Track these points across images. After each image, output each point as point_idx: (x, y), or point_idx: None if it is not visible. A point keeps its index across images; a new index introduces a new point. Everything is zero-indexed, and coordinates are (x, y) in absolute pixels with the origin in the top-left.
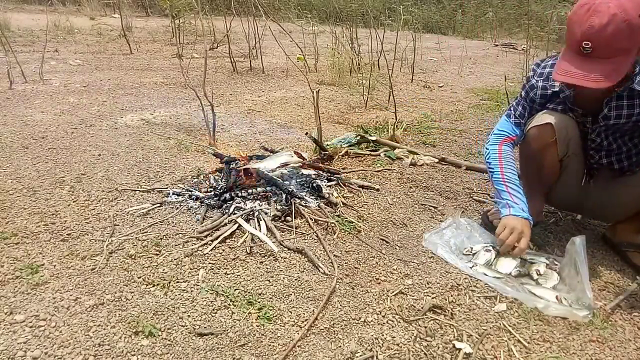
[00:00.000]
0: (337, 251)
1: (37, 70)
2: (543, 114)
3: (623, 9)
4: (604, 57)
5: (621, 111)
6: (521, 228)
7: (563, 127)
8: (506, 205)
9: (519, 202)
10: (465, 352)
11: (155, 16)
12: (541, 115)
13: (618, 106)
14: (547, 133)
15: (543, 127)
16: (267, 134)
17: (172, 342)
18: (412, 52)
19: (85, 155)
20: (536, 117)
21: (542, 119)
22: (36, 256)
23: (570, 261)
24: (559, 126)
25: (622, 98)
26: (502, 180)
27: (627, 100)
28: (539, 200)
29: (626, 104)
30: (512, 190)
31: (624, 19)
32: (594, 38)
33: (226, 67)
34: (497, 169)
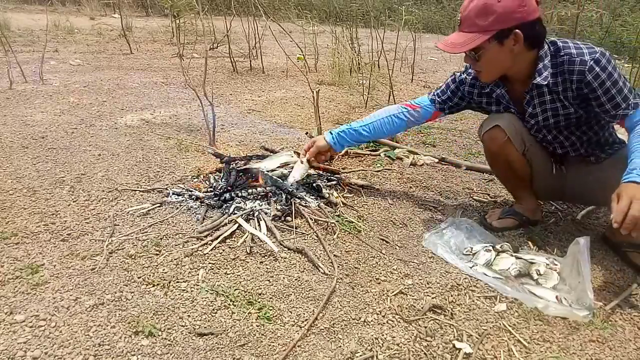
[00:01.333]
0: (337, 251)
1: (37, 70)
2: (488, 119)
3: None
4: (465, 31)
5: (545, 106)
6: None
7: (510, 124)
8: None
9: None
10: (465, 352)
11: (155, 16)
12: (487, 120)
13: (540, 102)
14: (499, 134)
15: (492, 130)
16: (267, 134)
17: (172, 342)
18: (412, 52)
19: (85, 155)
20: (484, 124)
21: (489, 123)
22: (36, 256)
23: (572, 261)
24: (505, 124)
25: (542, 95)
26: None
27: (547, 95)
28: (529, 198)
29: (548, 99)
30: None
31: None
32: (462, 11)
33: (226, 67)
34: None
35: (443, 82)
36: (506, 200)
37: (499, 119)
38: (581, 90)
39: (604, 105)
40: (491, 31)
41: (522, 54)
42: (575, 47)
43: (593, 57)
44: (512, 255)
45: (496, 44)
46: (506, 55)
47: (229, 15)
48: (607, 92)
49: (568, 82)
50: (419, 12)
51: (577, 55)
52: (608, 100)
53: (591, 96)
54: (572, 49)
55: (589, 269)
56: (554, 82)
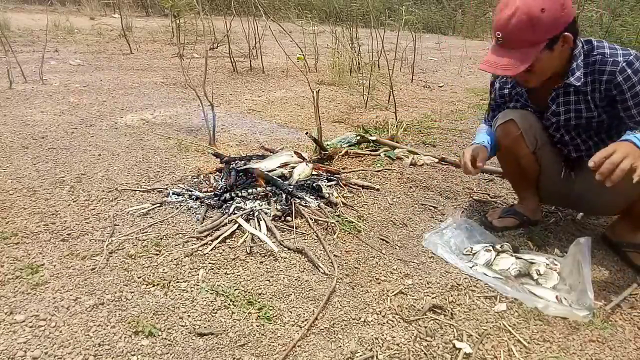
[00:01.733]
0: (337, 251)
1: (37, 70)
2: (504, 112)
3: (526, 3)
4: (513, 48)
5: (569, 106)
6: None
7: (525, 120)
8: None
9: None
10: (465, 352)
11: (155, 16)
12: (503, 114)
13: (565, 102)
14: (512, 128)
15: (506, 123)
16: (267, 134)
17: (172, 342)
18: (412, 52)
19: (85, 155)
20: (499, 117)
21: (504, 116)
22: (36, 256)
23: (573, 261)
24: (520, 120)
25: (568, 94)
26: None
27: (573, 96)
28: (532, 198)
29: (573, 100)
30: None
31: (525, 12)
32: (502, 29)
33: (226, 67)
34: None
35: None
36: (506, 200)
37: (514, 113)
38: (610, 92)
39: (630, 110)
40: (542, 42)
41: (565, 53)
42: (609, 48)
43: (626, 59)
44: (512, 255)
45: (547, 52)
46: (556, 59)
47: (229, 15)
48: (635, 96)
49: (597, 82)
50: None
51: (610, 55)
52: (635, 105)
53: (618, 98)
54: (606, 49)
55: (589, 269)
56: (583, 82)
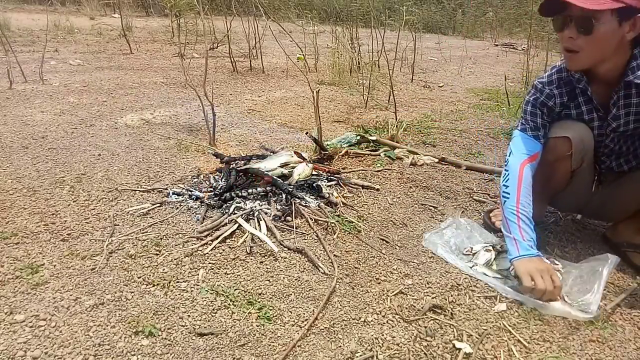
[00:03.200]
0: (337, 251)
1: (37, 70)
2: (562, 125)
3: None
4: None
5: (629, 109)
6: (544, 267)
7: (580, 140)
8: (513, 242)
9: (526, 238)
10: (465, 352)
11: (155, 16)
12: (560, 126)
13: (626, 105)
14: (565, 146)
15: (561, 140)
16: (267, 134)
17: (172, 342)
18: (412, 52)
19: (85, 155)
20: (556, 127)
21: (560, 131)
22: (36, 256)
23: (591, 269)
24: (576, 139)
25: (629, 96)
26: (515, 211)
27: (635, 98)
28: (541, 206)
29: (635, 102)
30: (522, 224)
31: None
32: None
33: (226, 67)
34: (513, 197)
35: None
36: None
37: (571, 129)
38: None
39: None
40: (621, 2)
41: (624, 48)
42: None
43: None
44: None
45: (616, 20)
46: (616, 39)
47: (229, 15)
48: None
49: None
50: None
51: None
52: None
53: None
54: None
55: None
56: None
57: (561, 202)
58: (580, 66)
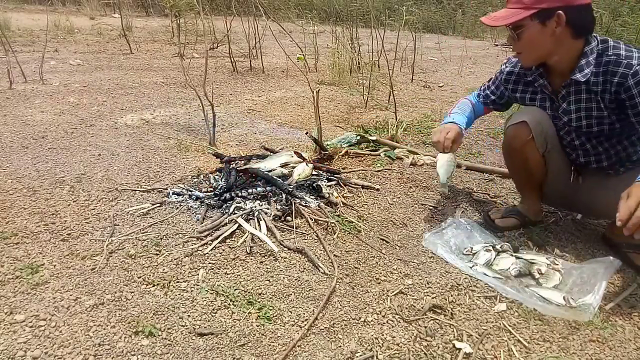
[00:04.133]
0: (337, 251)
1: (37, 70)
2: (517, 112)
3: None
4: (510, 7)
5: (579, 105)
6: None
7: (538, 123)
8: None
9: (452, 115)
10: (465, 352)
11: (155, 16)
12: (515, 114)
13: (576, 100)
14: (523, 130)
15: (519, 125)
16: (267, 134)
17: (172, 342)
18: (412, 52)
19: (85, 155)
20: (512, 117)
21: (517, 117)
22: (36, 256)
23: (592, 271)
24: (533, 122)
25: (579, 92)
26: (448, 114)
27: (584, 94)
28: (535, 199)
29: (584, 98)
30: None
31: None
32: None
33: (226, 67)
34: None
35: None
36: (506, 200)
37: (527, 114)
38: (619, 95)
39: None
40: (534, 9)
41: (565, 41)
42: (625, 50)
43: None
44: (512, 255)
45: (538, 23)
46: (547, 37)
47: (229, 15)
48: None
49: (608, 83)
50: (419, 12)
51: (625, 57)
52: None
53: (628, 103)
54: (621, 50)
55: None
56: (594, 80)
57: (549, 195)
58: (527, 64)
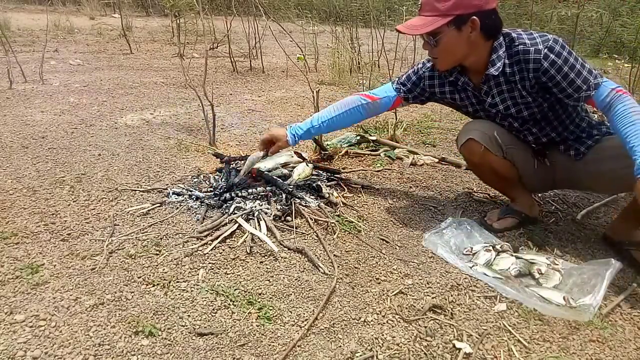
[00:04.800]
0: (337, 251)
1: (37, 70)
2: (461, 132)
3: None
4: (425, 15)
5: (503, 95)
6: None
7: (483, 134)
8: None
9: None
10: (465, 352)
11: (155, 16)
12: (461, 134)
13: (499, 92)
14: (474, 146)
15: (467, 143)
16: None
17: (172, 342)
18: (412, 52)
19: (85, 155)
20: (458, 137)
21: (462, 136)
22: (36, 256)
23: (593, 272)
24: (478, 135)
25: (499, 84)
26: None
27: (505, 85)
28: (523, 195)
29: (505, 89)
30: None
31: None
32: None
33: (226, 67)
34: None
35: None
36: (506, 200)
37: (470, 131)
38: (539, 79)
39: (566, 90)
40: (450, 15)
41: (478, 43)
42: (528, 38)
43: (546, 45)
44: (512, 255)
45: (454, 29)
46: (463, 42)
47: (229, 15)
48: (565, 77)
49: (525, 71)
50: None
51: (531, 45)
52: (568, 85)
53: (550, 84)
54: (525, 39)
55: (606, 288)
56: (510, 71)
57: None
58: (442, 68)
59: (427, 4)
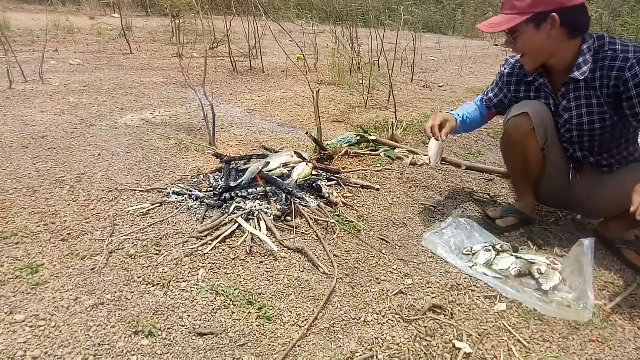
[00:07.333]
0: (337, 251)
1: (37, 70)
2: (518, 105)
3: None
4: (506, 13)
5: (580, 102)
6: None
7: (538, 114)
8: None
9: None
10: (465, 351)
11: (155, 16)
12: (518, 106)
13: (576, 97)
14: (525, 122)
15: (520, 116)
16: (267, 134)
17: (172, 342)
18: (412, 52)
19: (85, 155)
20: (512, 109)
21: (518, 109)
22: (36, 256)
23: (575, 262)
24: (534, 113)
25: (578, 89)
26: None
27: (584, 91)
28: (530, 197)
29: (584, 95)
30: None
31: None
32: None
33: (226, 67)
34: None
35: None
36: (506, 200)
37: (528, 106)
38: (617, 88)
39: (635, 108)
40: (528, 13)
41: (562, 42)
42: (621, 45)
43: (637, 57)
44: (512, 255)
45: (533, 27)
46: (543, 40)
47: (229, 15)
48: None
49: (606, 78)
50: (419, 11)
51: (622, 52)
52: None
53: (624, 96)
54: (618, 45)
55: (591, 271)
56: (592, 77)
57: (543, 192)
58: (529, 68)
59: (507, 2)
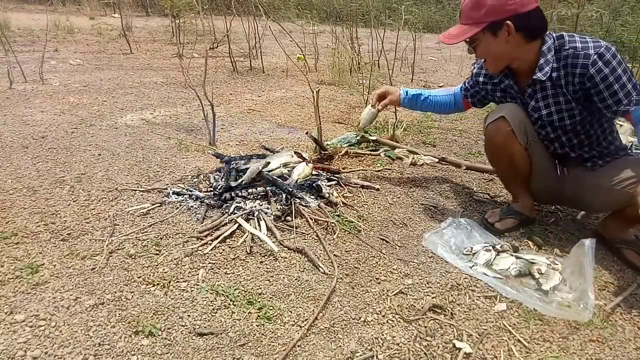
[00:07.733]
0: (337, 251)
1: (37, 70)
2: (493, 111)
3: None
4: (462, 23)
5: (548, 100)
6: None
7: (515, 115)
8: None
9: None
10: (465, 351)
11: (155, 16)
12: (492, 112)
13: (543, 97)
14: (503, 125)
15: (497, 121)
16: (267, 134)
17: (172, 342)
18: (412, 52)
19: (85, 155)
20: (489, 115)
21: (494, 115)
22: (36, 256)
23: (575, 262)
24: (510, 115)
25: (545, 89)
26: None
27: (550, 90)
28: (526, 196)
29: (550, 94)
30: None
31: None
32: (461, 5)
33: (226, 67)
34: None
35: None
36: (506, 200)
37: (503, 109)
38: (583, 85)
39: (606, 100)
40: (483, 23)
41: (521, 46)
42: (581, 41)
43: (597, 52)
44: (512, 255)
45: (490, 35)
46: (501, 46)
47: (229, 15)
48: (609, 86)
49: (570, 75)
50: (419, 11)
51: (582, 49)
52: (610, 95)
53: (593, 91)
54: (577, 42)
55: (592, 271)
56: (556, 75)
57: (536, 192)
58: (492, 71)
59: (464, 12)
